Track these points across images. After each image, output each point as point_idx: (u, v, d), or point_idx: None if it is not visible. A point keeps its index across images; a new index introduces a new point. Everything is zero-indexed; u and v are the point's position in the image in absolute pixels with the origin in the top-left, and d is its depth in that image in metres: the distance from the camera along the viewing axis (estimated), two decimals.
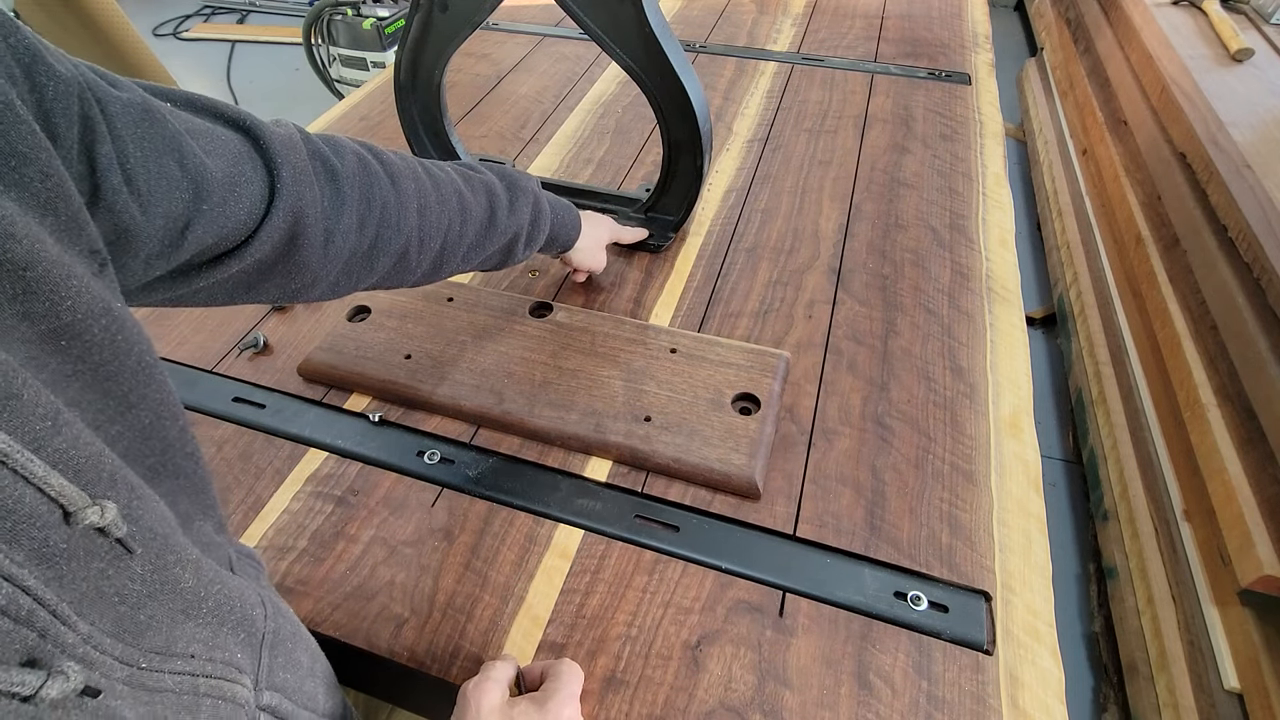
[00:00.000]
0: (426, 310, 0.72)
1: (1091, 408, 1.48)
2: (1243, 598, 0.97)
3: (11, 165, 0.22)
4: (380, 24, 2.19)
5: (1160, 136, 1.53)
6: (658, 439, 0.60)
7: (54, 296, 0.22)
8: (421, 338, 0.69)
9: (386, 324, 0.70)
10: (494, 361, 0.67)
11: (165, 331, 0.72)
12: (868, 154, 0.98)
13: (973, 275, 0.79)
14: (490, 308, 0.72)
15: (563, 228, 0.64)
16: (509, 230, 0.57)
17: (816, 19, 1.38)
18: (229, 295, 0.40)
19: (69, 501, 0.20)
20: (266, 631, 0.33)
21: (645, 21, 0.67)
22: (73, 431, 0.21)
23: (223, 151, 0.35)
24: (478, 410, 0.63)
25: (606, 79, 1.17)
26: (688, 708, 0.46)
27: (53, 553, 0.20)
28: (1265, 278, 1.09)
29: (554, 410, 0.62)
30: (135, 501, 0.24)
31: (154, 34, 3.26)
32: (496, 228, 0.55)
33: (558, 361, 0.67)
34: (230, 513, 0.57)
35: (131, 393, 0.26)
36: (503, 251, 0.58)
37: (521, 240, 0.59)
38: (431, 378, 0.65)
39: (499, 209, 0.55)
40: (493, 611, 0.51)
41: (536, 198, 0.60)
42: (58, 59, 0.26)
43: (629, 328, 0.70)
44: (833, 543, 0.55)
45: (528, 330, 0.70)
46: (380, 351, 0.68)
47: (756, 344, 0.69)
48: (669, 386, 0.64)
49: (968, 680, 0.48)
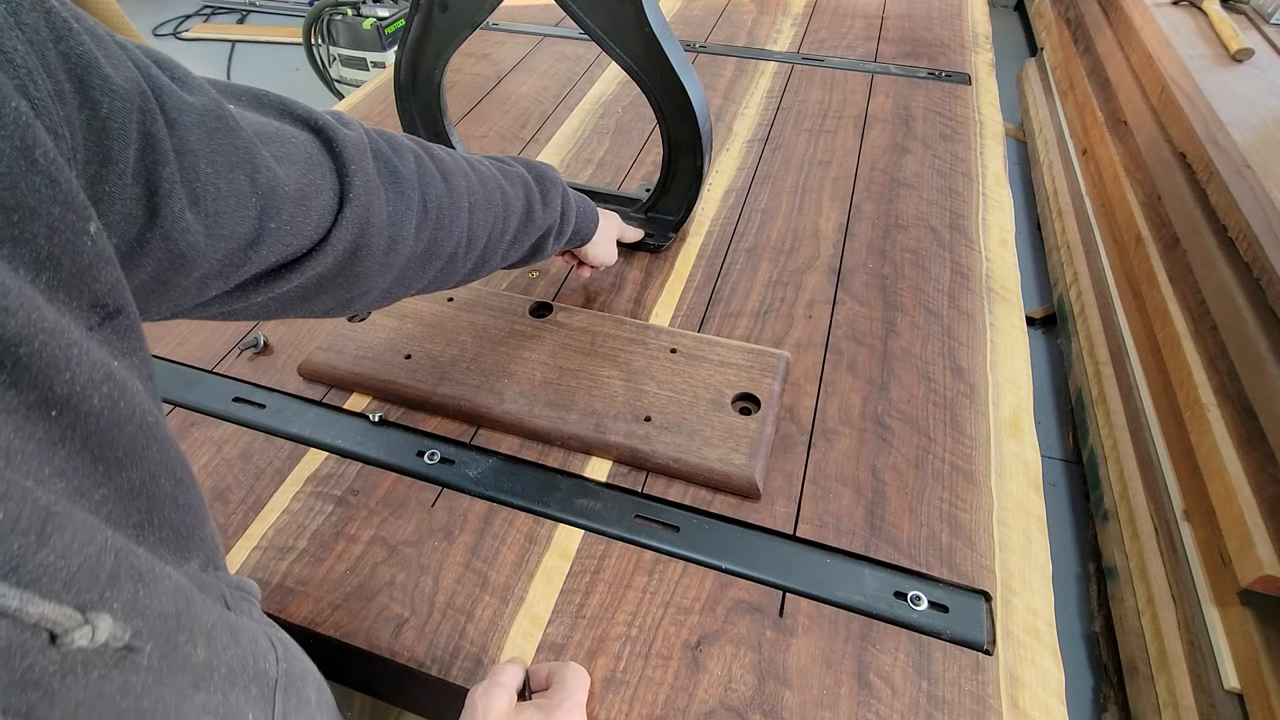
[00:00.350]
0: (426, 311, 0.71)
1: (1091, 408, 1.48)
2: (1243, 598, 0.97)
3: (14, 220, 0.19)
4: (380, 24, 2.19)
5: (1160, 136, 1.53)
6: (658, 439, 0.60)
7: (49, 370, 0.20)
8: (421, 338, 0.69)
9: (386, 324, 0.70)
10: (494, 361, 0.67)
11: (165, 331, 0.72)
12: (868, 154, 0.98)
13: (973, 275, 0.79)
14: (490, 308, 0.72)
15: (585, 220, 0.63)
16: (543, 225, 0.55)
17: (816, 19, 1.38)
18: (282, 308, 0.38)
19: (55, 624, 0.18)
20: (279, 675, 0.30)
21: (645, 21, 0.67)
22: (63, 539, 0.18)
23: (295, 158, 0.33)
24: (478, 410, 0.63)
25: (606, 79, 1.17)
26: (688, 708, 0.46)
27: (38, 677, 0.17)
28: (1265, 278, 1.09)
29: (554, 410, 0.62)
30: (142, 591, 0.21)
31: (154, 34, 3.26)
32: (534, 223, 0.54)
33: (558, 361, 0.67)
34: (230, 512, 0.57)
35: (126, 455, 0.24)
36: (535, 247, 0.57)
37: (552, 235, 0.58)
38: (431, 377, 0.65)
39: (534, 204, 0.54)
40: (493, 611, 0.51)
41: (564, 190, 0.58)
42: (117, 64, 0.23)
43: (629, 328, 0.70)
44: (833, 543, 0.55)
45: (527, 330, 0.70)
46: (380, 351, 0.67)
47: (756, 344, 0.69)
48: (669, 386, 0.64)
49: (968, 680, 0.48)
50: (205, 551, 0.31)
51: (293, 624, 0.50)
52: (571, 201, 0.60)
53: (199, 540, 0.30)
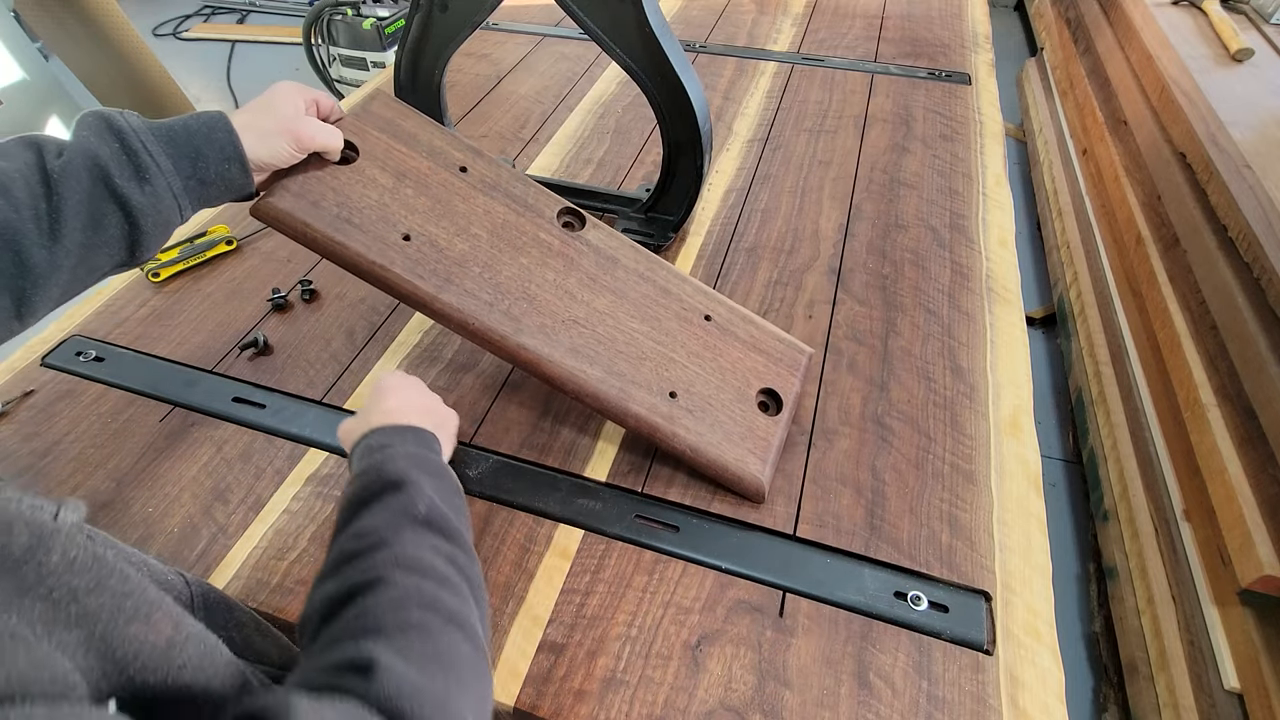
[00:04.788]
0: (433, 177, 0.58)
1: (1091, 408, 1.48)
2: (1243, 598, 0.97)
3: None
4: (380, 24, 2.18)
5: (1160, 136, 1.53)
6: (680, 421, 0.56)
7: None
8: (425, 213, 0.56)
9: (379, 179, 0.56)
10: (513, 275, 0.56)
11: (165, 332, 0.72)
12: (868, 154, 0.98)
13: (973, 275, 0.79)
14: (513, 197, 0.60)
15: (193, 143, 0.47)
16: (86, 169, 0.43)
17: (816, 19, 1.38)
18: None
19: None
20: (195, 594, 0.38)
21: (645, 21, 0.67)
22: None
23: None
24: (487, 334, 0.54)
25: (606, 79, 1.17)
26: (688, 708, 0.46)
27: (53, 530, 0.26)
28: (1265, 278, 1.09)
29: (575, 359, 0.55)
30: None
31: (154, 34, 3.26)
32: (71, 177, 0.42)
33: (587, 297, 0.57)
34: (230, 512, 0.57)
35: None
36: (119, 217, 0.44)
37: (130, 180, 0.44)
38: (435, 276, 0.54)
39: (47, 150, 0.42)
40: (493, 611, 0.51)
41: (108, 119, 0.45)
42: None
43: (664, 275, 0.62)
44: (833, 543, 0.55)
45: (554, 243, 0.59)
46: (370, 219, 0.54)
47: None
48: (698, 360, 0.59)
49: (968, 680, 0.47)
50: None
51: (293, 624, 0.50)
52: (133, 128, 0.45)
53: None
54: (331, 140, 0.54)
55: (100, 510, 0.56)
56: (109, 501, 0.57)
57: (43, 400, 0.65)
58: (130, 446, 0.61)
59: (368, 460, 0.45)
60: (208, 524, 0.56)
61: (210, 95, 2.82)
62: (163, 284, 0.77)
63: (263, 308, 0.74)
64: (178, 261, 0.78)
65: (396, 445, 0.46)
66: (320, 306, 0.75)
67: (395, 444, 0.46)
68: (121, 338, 0.71)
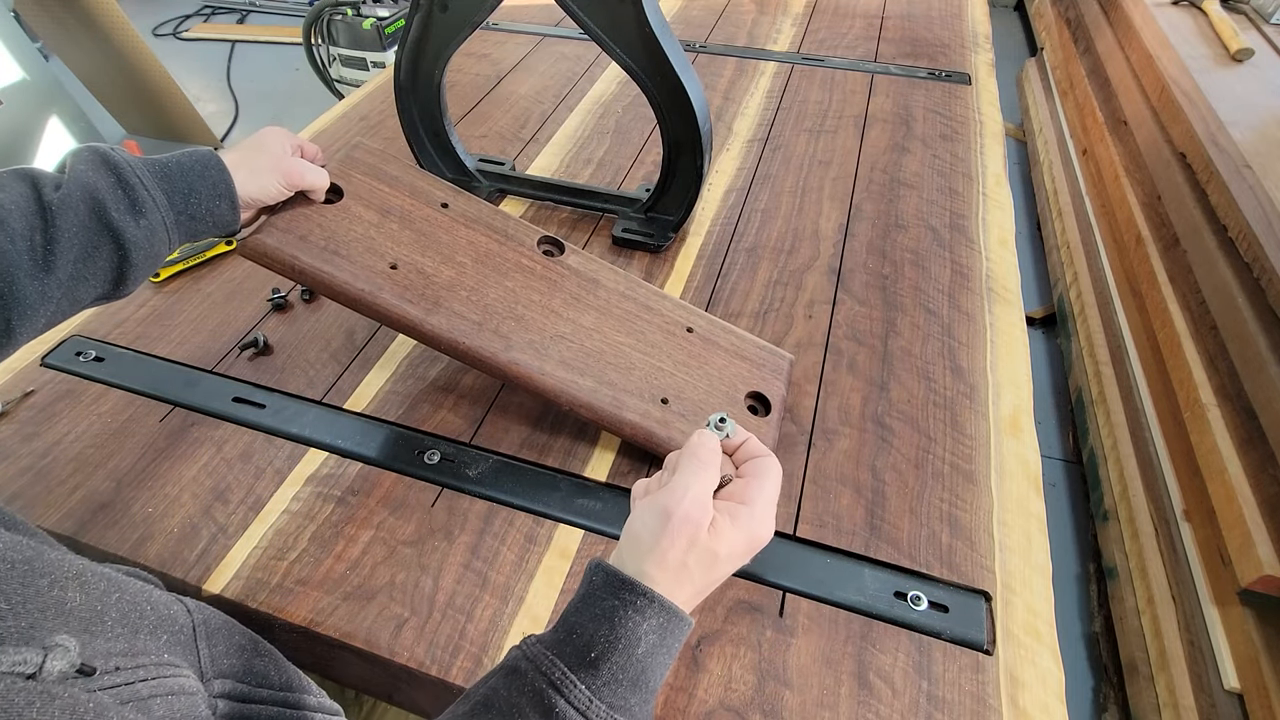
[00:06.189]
0: (415, 212, 0.60)
1: (1091, 408, 1.48)
2: (1243, 598, 0.97)
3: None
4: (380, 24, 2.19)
5: (1160, 136, 1.53)
6: (674, 425, 0.57)
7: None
8: (410, 244, 0.58)
9: (364, 215, 0.58)
10: (500, 297, 0.57)
11: (165, 332, 0.72)
12: (868, 154, 0.98)
13: (973, 275, 0.79)
14: (494, 229, 0.62)
15: (186, 180, 0.48)
16: (85, 201, 0.43)
17: (816, 19, 1.38)
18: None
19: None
20: (197, 624, 0.35)
21: (645, 21, 0.67)
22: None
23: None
24: (478, 354, 0.55)
25: (606, 79, 1.17)
26: (688, 708, 0.46)
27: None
28: (1265, 278, 1.09)
29: (567, 371, 0.56)
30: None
31: (154, 34, 3.26)
32: (69, 207, 0.43)
33: (572, 314, 0.59)
34: (230, 512, 0.57)
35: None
36: (111, 251, 0.44)
37: (124, 210, 0.45)
38: (424, 300, 0.55)
39: (43, 185, 0.43)
40: (493, 611, 0.51)
41: (104, 155, 0.46)
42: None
43: (644, 293, 0.65)
44: (833, 543, 0.55)
45: (536, 268, 0.61)
46: (357, 251, 0.56)
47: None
48: (685, 369, 0.60)
49: (968, 680, 0.47)
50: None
51: (293, 624, 0.50)
52: (127, 164, 0.46)
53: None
54: (318, 179, 0.57)
55: (100, 510, 0.56)
56: (109, 502, 0.57)
57: (43, 400, 0.65)
58: (130, 446, 0.61)
59: (611, 636, 0.33)
60: (208, 524, 0.56)
61: (210, 95, 2.82)
62: (163, 284, 0.77)
63: (263, 308, 0.74)
64: (178, 261, 0.78)
65: (656, 661, 0.34)
66: (320, 307, 0.75)
67: (656, 657, 0.34)
68: (121, 338, 0.71)
